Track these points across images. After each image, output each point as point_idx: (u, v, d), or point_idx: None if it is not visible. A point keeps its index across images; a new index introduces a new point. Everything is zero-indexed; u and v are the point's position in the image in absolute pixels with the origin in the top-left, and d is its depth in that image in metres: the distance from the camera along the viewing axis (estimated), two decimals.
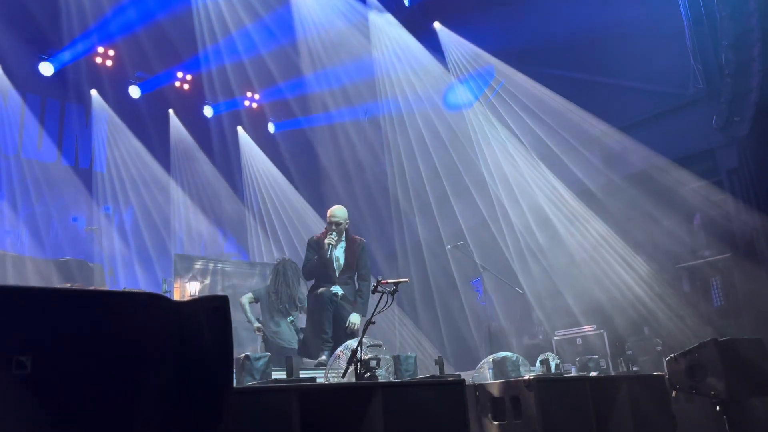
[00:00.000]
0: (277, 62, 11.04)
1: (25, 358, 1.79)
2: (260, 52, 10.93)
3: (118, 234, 10.79)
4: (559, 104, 9.35)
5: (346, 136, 11.99)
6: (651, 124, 8.83)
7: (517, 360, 5.19)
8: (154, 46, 10.61)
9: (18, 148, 10.06)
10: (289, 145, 12.49)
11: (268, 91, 12.05)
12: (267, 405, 2.87)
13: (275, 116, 12.73)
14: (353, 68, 11.16)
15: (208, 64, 11.21)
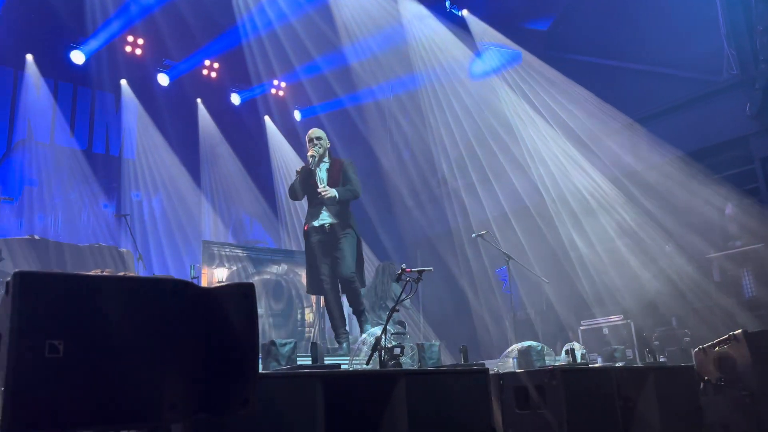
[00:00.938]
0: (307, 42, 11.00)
1: (58, 342, 1.84)
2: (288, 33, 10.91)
3: (148, 220, 10.98)
4: (587, 90, 9.22)
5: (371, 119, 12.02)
6: (683, 110, 8.67)
7: (542, 349, 5.17)
8: (182, 33, 10.70)
9: (51, 135, 10.26)
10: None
11: (294, 77, 12.04)
12: (292, 390, 2.91)
13: (301, 103, 12.77)
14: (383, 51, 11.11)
15: (235, 51, 11.27)
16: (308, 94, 12.20)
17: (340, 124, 12.25)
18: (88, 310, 1.95)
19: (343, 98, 12.11)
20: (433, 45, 10.79)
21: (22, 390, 1.74)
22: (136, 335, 2.02)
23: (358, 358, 4.78)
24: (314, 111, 12.68)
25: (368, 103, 12.14)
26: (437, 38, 10.71)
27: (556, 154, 9.56)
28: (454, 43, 10.70)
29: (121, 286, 2.15)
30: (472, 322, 9.48)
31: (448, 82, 10.79)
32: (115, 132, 11.04)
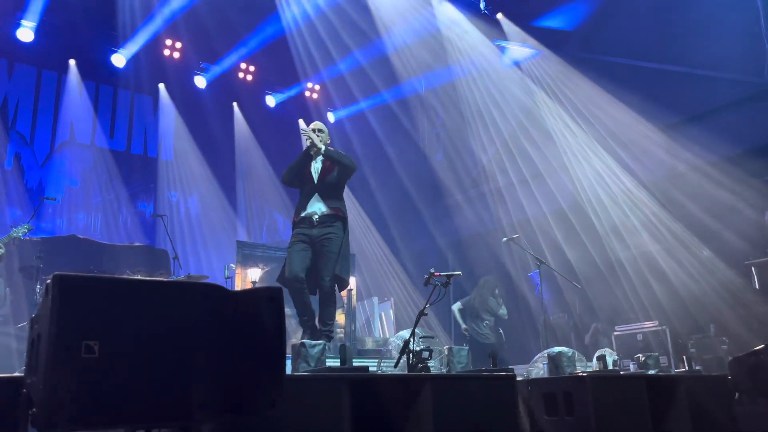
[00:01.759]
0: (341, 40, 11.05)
1: (93, 343, 1.91)
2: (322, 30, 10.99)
3: (184, 220, 11.20)
4: (625, 93, 9.10)
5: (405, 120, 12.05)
6: (723, 113, 8.48)
7: (573, 355, 5.13)
8: (218, 35, 10.88)
9: (92, 137, 10.54)
10: (348, 132, 12.64)
11: (328, 78, 12.13)
12: (319, 392, 2.95)
13: (334, 105, 12.86)
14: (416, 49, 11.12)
15: (271, 52, 11.42)
16: (341, 95, 12.28)
17: (372, 126, 12.31)
18: (123, 313, 2.02)
19: (376, 99, 12.18)
20: (465, 45, 10.77)
21: (59, 388, 1.81)
22: (168, 337, 2.08)
23: (387, 360, 4.81)
24: (347, 113, 12.77)
25: (402, 104, 12.16)
26: (470, 39, 10.68)
27: (593, 157, 9.45)
28: (487, 45, 10.67)
29: (154, 289, 2.22)
30: (505, 327, 9.42)
31: (482, 86, 10.75)
32: (153, 134, 11.29)
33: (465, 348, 4.84)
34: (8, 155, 9.69)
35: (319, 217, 4.94)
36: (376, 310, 9.91)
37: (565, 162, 9.77)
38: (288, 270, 4.79)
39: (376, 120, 12.28)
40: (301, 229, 4.93)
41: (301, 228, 4.93)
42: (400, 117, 12.17)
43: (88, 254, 7.81)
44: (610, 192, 9.26)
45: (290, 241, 4.97)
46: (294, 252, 4.83)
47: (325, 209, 4.97)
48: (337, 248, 4.89)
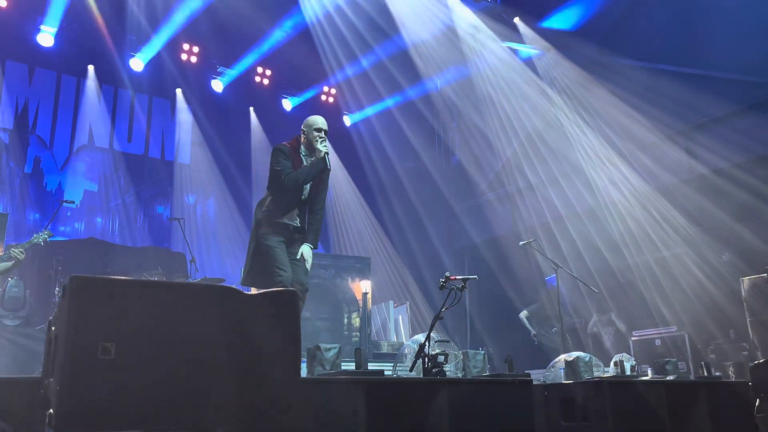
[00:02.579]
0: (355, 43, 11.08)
1: (110, 345, 1.92)
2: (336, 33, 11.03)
3: (201, 223, 11.28)
4: (641, 96, 9.01)
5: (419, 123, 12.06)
6: (743, 115, 8.37)
7: (590, 360, 5.08)
8: (235, 40, 10.97)
9: (110, 141, 10.66)
10: (363, 135, 12.67)
11: (343, 80, 12.16)
12: (334, 396, 2.94)
13: (350, 108, 12.88)
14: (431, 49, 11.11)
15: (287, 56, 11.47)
16: (356, 98, 12.31)
17: (388, 129, 12.32)
18: (139, 315, 2.03)
19: (392, 101, 12.20)
20: (481, 47, 10.74)
21: (75, 389, 1.82)
22: (184, 339, 2.09)
23: (402, 364, 4.79)
24: (363, 115, 12.79)
25: (418, 106, 12.16)
26: (485, 40, 10.66)
27: (609, 162, 9.37)
28: (502, 47, 10.65)
29: (170, 292, 2.23)
30: (520, 331, 9.36)
31: (498, 89, 10.72)
32: (170, 137, 11.38)
33: (481, 352, 4.80)
34: (28, 159, 9.83)
35: (293, 228, 4.82)
36: (391, 314, 9.89)
37: (582, 165, 9.70)
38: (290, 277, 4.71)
39: (392, 123, 12.29)
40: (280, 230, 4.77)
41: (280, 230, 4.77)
42: (416, 120, 12.18)
43: (106, 257, 7.89)
44: (627, 195, 9.17)
45: (268, 238, 4.72)
46: (283, 254, 4.70)
47: (299, 225, 4.85)
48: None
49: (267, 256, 4.69)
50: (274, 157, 4.85)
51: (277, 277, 4.58)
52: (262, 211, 4.85)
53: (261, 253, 4.75)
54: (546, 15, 10.45)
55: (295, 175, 4.72)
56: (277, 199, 4.80)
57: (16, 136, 9.73)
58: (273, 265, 4.63)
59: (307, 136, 4.96)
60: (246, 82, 11.87)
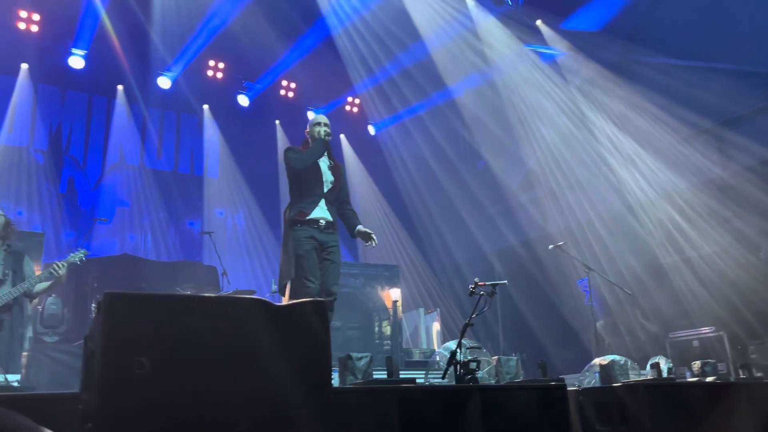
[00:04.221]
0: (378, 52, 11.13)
1: (145, 359, 1.96)
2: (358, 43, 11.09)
3: (231, 237, 11.41)
4: (670, 93, 8.87)
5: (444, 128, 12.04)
6: None
7: (626, 363, 5.01)
8: (260, 54, 11.11)
9: (141, 158, 10.87)
10: (388, 143, 12.71)
11: (368, 91, 12.22)
12: (366, 405, 2.95)
13: (374, 117, 12.94)
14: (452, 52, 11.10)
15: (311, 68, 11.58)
16: (380, 107, 12.36)
17: (413, 136, 12.33)
18: (172, 328, 2.06)
19: (416, 108, 12.22)
20: (503, 49, 10.70)
21: (112, 404, 1.86)
22: (216, 352, 2.11)
23: (434, 372, 4.78)
24: (388, 123, 12.84)
25: (442, 112, 12.14)
26: (507, 43, 10.62)
27: (639, 161, 9.24)
28: (525, 49, 10.61)
29: (202, 305, 2.26)
30: (553, 336, 9.26)
31: (522, 92, 10.67)
32: (198, 153, 11.57)
33: (513, 358, 4.77)
34: (63, 179, 10.08)
35: (324, 223, 4.95)
36: (422, 322, 9.87)
37: (611, 166, 9.58)
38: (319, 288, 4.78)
39: (416, 130, 12.30)
40: (309, 231, 4.89)
41: (308, 230, 4.89)
42: (441, 126, 12.16)
43: (139, 272, 8.02)
44: (658, 194, 9.02)
45: (300, 244, 4.83)
46: (313, 263, 4.79)
47: (330, 218, 5.01)
48: (339, 258, 5.02)
49: (297, 266, 4.78)
50: (286, 156, 5.14)
51: (305, 288, 4.65)
52: (290, 211, 5.06)
53: (292, 260, 4.85)
54: (568, 16, 10.37)
55: (301, 157, 5.05)
56: (300, 193, 5.05)
57: (51, 158, 9.99)
58: (302, 276, 4.71)
59: (311, 132, 5.25)
60: (271, 95, 12.02)
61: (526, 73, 10.67)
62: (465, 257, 11.78)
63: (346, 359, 3.97)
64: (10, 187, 9.42)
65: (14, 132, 9.75)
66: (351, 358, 3.95)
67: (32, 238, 7.06)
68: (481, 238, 11.62)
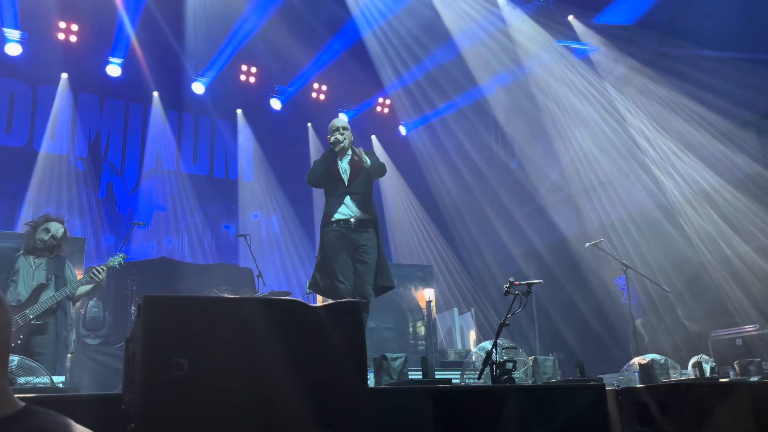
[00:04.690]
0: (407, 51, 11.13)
1: (183, 361, 1.99)
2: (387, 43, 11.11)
3: (266, 239, 11.54)
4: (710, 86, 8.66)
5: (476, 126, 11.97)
6: None
7: (666, 363, 4.90)
8: (292, 58, 11.21)
9: (177, 163, 11.06)
10: (420, 143, 12.70)
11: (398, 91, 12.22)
12: (402, 406, 2.95)
13: (405, 117, 12.94)
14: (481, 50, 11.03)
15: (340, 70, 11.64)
16: (411, 107, 12.36)
17: (444, 136, 12.30)
18: (210, 330, 2.09)
19: (447, 108, 12.18)
20: (535, 46, 10.59)
21: (153, 405, 1.90)
22: (253, 353, 2.14)
23: (470, 372, 4.75)
24: (419, 123, 12.83)
25: (473, 111, 12.08)
26: (538, 40, 10.51)
27: (676, 158, 9.05)
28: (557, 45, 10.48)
29: (239, 307, 2.29)
30: (591, 335, 9.12)
31: (555, 88, 10.54)
32: (233, 157, 11.73)
33: (550, 358, 4.71)
34: (102, 185, 10.32)
35: (355, 221, 4.91)
36: (456, 322, 9.82)
37: (647, 161, 9.40)
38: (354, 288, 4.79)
39: (448, 130, 12.27)
40: (339, 231, 4.87)
41: (338, 230, 4.87)
42: (473, 125, 12.10)
43: (177, 275, 8.16)
44: (697, 190, 8.82)
45: (331, 244, 4.84)
46: (345, 264, 4.78)
47: (360, 214, 4.95)
48: (375, 257, 4.92)
49: (329, 267, 4.79)
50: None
51: (336, 289, 4.68)
52: (322, 216, 5.12)
53: (325, 262, 4.90)
54: (601, 10, 10.21)
55: (311, 169, 5.18)
56: (326, 198, 5.12)
57: (90, 164, 10.24)
58: (333, 277, 4.74)
59: (329, 138, 5.26)
60: (303, 98, 12.12)
61: (558, 70, 10.54)
62: (499, 257, 11.69)
63: (381, 360, 3.98)
64: (52, 193, 9.68)
65: (55, 140, 10.02)
66: (386, 359, 3.96)
67: (74, 243, 7.22)
68: (515, 236, 11.51)
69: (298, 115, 12.11)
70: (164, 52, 10.41)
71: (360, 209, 4.97)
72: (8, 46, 9.50)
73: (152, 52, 10.37)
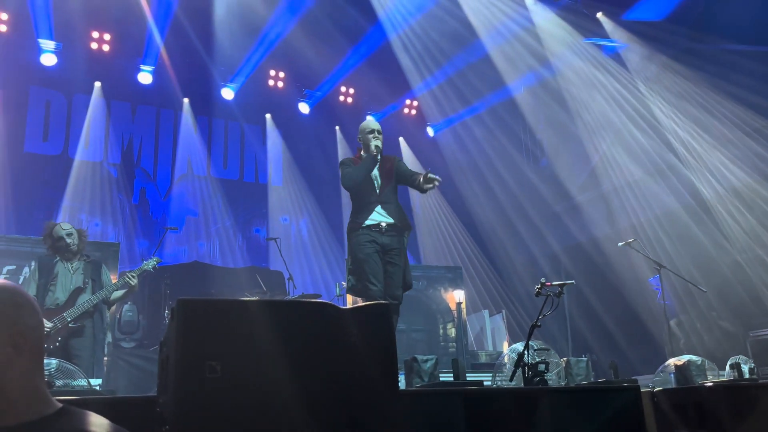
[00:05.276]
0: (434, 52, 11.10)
1: (216, 363, 2.01)
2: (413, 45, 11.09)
3: (296, 242, 11.62)
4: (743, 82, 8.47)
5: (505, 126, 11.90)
6: None
7: (703, 364, 4.80)
8: (319, 62, 11.28)
9: (208, 168, 11.21)
10: (448, 144, 12.67)
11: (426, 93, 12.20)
12: (433, 407, 2.94)
13: (432, 119, 12.91)
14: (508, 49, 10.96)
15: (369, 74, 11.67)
16: (439, 108, 12.33)
17: (472, 136, 12.24)
18: (242, 333, 2.11)
19: (475, 108, 12.13)
20: (563, 44, 10.48)
21: (187, 406, 1.92)
22: (284, 355, 2.15)
23: (502, 374, 4.72)
24: (447, 124, 12.79)
25: (501, 110, 12.01)
26: (567, 37, 10.39)
27: (709, 153, 8.87)
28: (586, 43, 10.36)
29: (270, 309, 2.31)
30: (624, 336, 8.98)
31: (584, 86, 10.42)
32: (262, 162, 11.84)
33: (583, 359, 4.65)
34: (135, 190, 10.51)
35: (386, 226, 4.89)
36: (487, 324, 9.76)
37: (680, 159, 9.23)
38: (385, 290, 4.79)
39: (476, 130, 12.21)
40: (369, 234, 4.86)
41: (370, 234, 4.86)
42: (501, 125, 12.02)
43: (209, 279, 8.27)
44: (731, 187, 8.63)
45: (361, 248, 4.83)
46: (376, 266, 4.78)
47: (390, 219, 4.93)
48: (404, 260, 4.94)
49: (361, 270, 4.81)
50: (341, 170, 5.12)
51: (368, 291, 4.69)
52: (350, 222, 5.07)
53: (356, 265, 4.89)
54: (630, 7, 10.06)
55: (349, 174, 4.97)
56: (357, 205, 5.03)
57: (123, 170, 10.44)
58: (365, 279, 4.75)
59: (363, 140, 5.14)
60: (331, 102, 12.19)
61: (587, 68, 10.42)
62: (529, 257, 11.59)
63: (411, 362, 3.97)
64: (86, 199, 9.88)
65: (90, 147, 10.23)
66: (417, 361, 3.95)
67: (108, 248, 7.37)
68: (545, 237, 11.40)
69: (326, 118, 12.18)
70: (193, 59, 10.57)
71: (391, 216, 4.97)
72: (44, 56, 9.75)
73: (182, 59, 10.53)
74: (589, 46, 10.37)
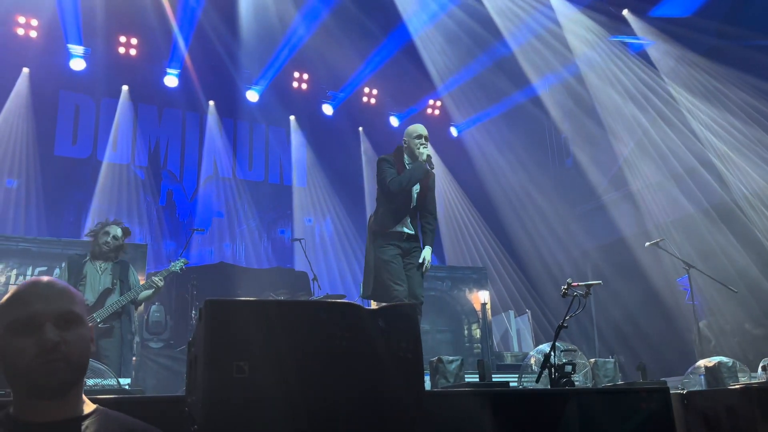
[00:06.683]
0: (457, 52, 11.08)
1: (243, 363, 2.03)
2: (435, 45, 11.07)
3: (320, 243, 11.67)
4: None
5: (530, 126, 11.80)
6: None
7: (734, 365, 4.71)
8: (342, 64, 11.32)
9: (233, 170, 11.32)
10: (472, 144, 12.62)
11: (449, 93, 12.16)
12: (459, 409, 2.92)
13: (456, 119, 12.87)
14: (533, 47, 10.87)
15: (391, 74, 11.67)
16: (462, 107, 12.28)
17: (497, 136, 12.17)
18: (268, 333, 2.12)
19: (498, 107, 12.06)
20: (588, 42, 10.37)
21: (215, 407, 1.94)
22: (310, 356, 2.16)
23: (528, 375, 4.68)
24: (471, 124, 12.74)
25: (525, 110, 11.92)
26: (592, 36, 10.29)
27: (739, 151, 8.70)
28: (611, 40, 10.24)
29: (295, 310, 2.32)
30: (652, 337, 8.84)
31: (610, 84, 10.29)
32: (287, 163, 11.92)
33: (611, 360, 4.60)
34: (162, 192, 10.65)
35: (407, 236, 4.96)
36: (512, 324, 9.70)
37: (709, 157, 9.07)
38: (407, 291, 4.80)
39: (501, 130, 12.13)
40: (394, 241, 4.90)
41: (394, 241, 4.90)
42: (526, 124, 11.94)
43: (235, 279, 8.34)
44: (760, 189, 8.45)
45: (385, 250, 4.85)
46: (399, 268, 4.80)
47: (412, 232, 5.00)
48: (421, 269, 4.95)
49: (383, 271, 4.82)
50: (379, 167, 5.04)
51: (393, 291, 4.69)
52: (375, 223, 5.05)
53: (378, 267, 4.90)
54: (657, 3, 9.92)
55: (399, 179, 4.88)
56: (387, 208, 4.97)
57: (151, 173, 10.58)
58: (389, 280, 4.75)
59: (409, 144, 5.11)
60: (354, 103, 12.21)
61: (613, 65, 10.29)
62: (555, 257, 11.48)
63: (437, 363, 3.96)
64: (114, 201, 10.03)
65: (117, 150, 10.40)
66: (442, 362, 3.94)
67: (136, 250, 7.48)
68: (571, 237, 11.29)
69: (350, 119, 12.21)
70: (218, 62, 10.68)
71: (414, 227, 5.04)
72: (73, 61, 9.92)
73: (207, 62, 10.65)
74: (614, 43, 10.25)
